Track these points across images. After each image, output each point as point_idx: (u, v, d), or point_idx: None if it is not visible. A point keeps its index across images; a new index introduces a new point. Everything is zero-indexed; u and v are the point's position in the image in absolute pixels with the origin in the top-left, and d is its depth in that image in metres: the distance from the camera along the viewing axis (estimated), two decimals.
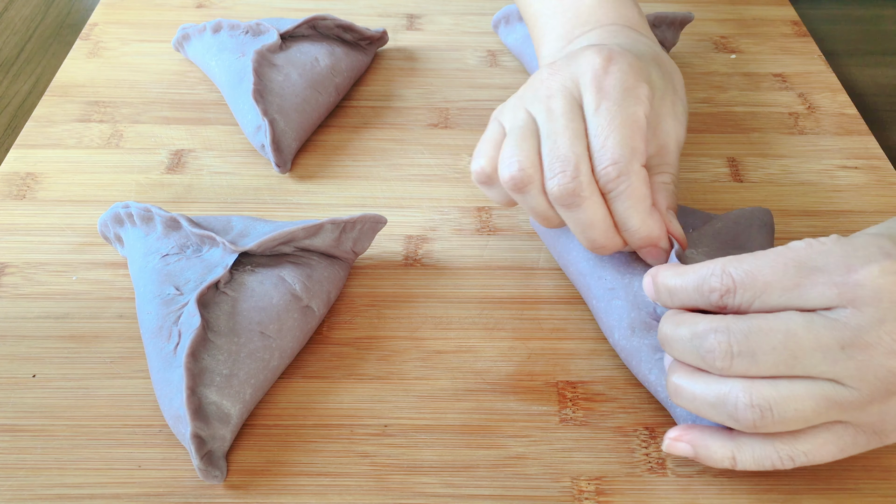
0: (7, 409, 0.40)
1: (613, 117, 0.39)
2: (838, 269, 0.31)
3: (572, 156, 0.38)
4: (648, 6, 0.70)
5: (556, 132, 0.39)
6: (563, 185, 0.38)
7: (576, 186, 0.38)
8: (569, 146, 0.39)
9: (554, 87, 0.40)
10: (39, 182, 0.53)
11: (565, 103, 0.40)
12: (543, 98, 0.40)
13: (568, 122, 0.39)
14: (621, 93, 0.39)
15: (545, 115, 0.40)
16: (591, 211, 0.39)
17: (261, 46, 0.55)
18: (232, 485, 0.38)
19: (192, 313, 0.39)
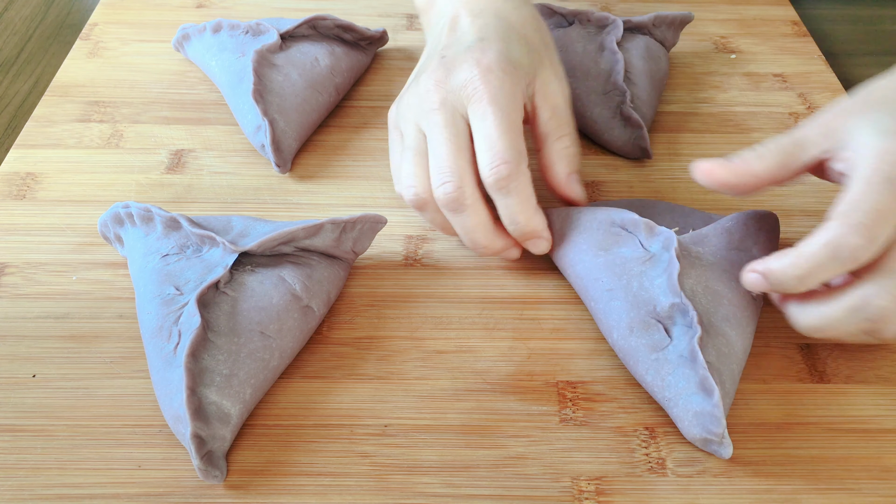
0: (7, 409, 0.40)
1: (499, 122, 0.42)
2: None
3: (455, 167, 0.42)
4: (648, 6, 0.70)
5: (440, 144, 0.43)
6: (447, 193, 0.42)
7: (459, 195, 0.42)
8: (451, 158, 0.43)
9: (436, 101, 0.44)
10: (39, 182, 0.53)
11: (447, 117, 0.43)
12: (428, 111, 0.44)
13: (450, 135, 0.43)
14: (501, 100, 0.43)
15: (429, 129, 0.44)
16: (475, 215, 0.43)
17: (261, 46, 0.55)
18: (232, 485, 0.38)
19: (192, 313, 0.39)
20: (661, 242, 0.42)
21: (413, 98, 0.46)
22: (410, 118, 0.45)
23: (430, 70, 0.45)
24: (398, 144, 0.47)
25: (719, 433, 0.37)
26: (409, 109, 0.46)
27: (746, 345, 0.41)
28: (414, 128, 0.45)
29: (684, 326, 0.40)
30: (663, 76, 0.59)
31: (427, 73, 0.45)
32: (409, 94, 0.46)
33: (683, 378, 0.38)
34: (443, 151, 0.43)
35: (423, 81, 0.45)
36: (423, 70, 0.46)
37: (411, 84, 0.47)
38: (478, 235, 0.44)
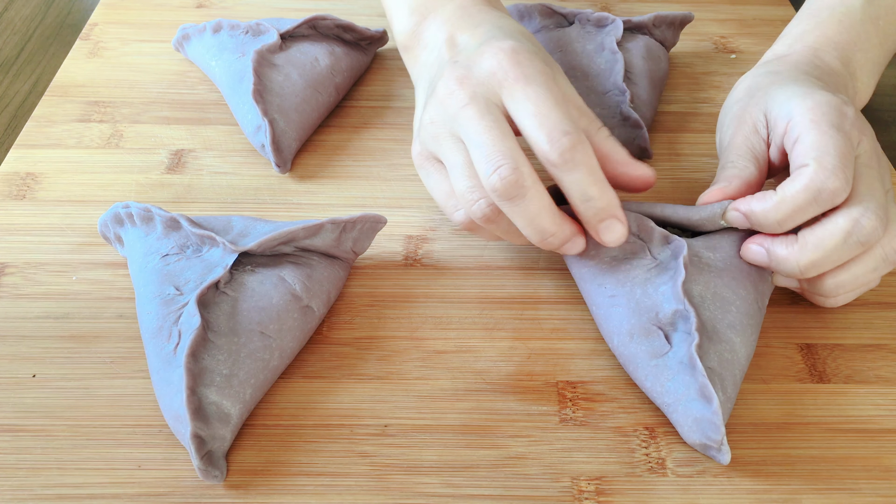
0: (7, 409, 0.40)
1: (545, 97, 0.39)
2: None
3: (504, 149, 0.39)
4: (649, 6, 0.70)
5: (482, 134, 0.39)
6: (504, 177, 0.38)
7: (517, 176, 0.38)
8: (496, 143, 0.39)
9: (464, 97, 0.40)
10: (39, 182, 0.53)
11: (480, 108, 0.40)
12: (457, 112, 0.40)
13: (489, 122, 0.39)
14: (539, 75, 0.40)
15: (465, 126, 0.40)
16: (537, 199, 0.39)
17: (261, 46, 0.55)
18: (232, 485, 0.38)
19: (192, 313, 0.39)
20: (671, 250, 0.42)
21: (435, 111, 0.42)
22: (442, 133, 0.42)
23: (447, 76, 0.42)
24: (436, 174, 0.43)
25: (718, 440, 0.37)
26: (435, 126, 0.42)
27: (750, 350, 0.41)
28: (451, 140, 0.41)
29: (685, 333, 0.40)
30: (663, 76, 0.59)
31: (444, 79, 0.42)
32: (428, 114, 0.43)
33: (683, 385, 0.38)
34: (486, 139, 0.39)
35: (442, 88, 0.42)
36: (435, 86, 0.43)
37: (426, 108, 0.43)
38: (544, 221, 0.40)
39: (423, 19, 0.48)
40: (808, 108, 0.40)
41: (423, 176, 0.45)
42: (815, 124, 0.40)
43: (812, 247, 0.39)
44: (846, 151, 0.39)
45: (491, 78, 0.40)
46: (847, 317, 0.46)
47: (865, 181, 0.39)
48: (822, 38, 0.47)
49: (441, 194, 0.44)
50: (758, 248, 0.41)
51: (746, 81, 0.46)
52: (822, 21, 0.48)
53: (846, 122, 0.40)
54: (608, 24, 0.58)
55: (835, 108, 0.40)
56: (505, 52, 0.41)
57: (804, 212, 0.39)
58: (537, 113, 0.39)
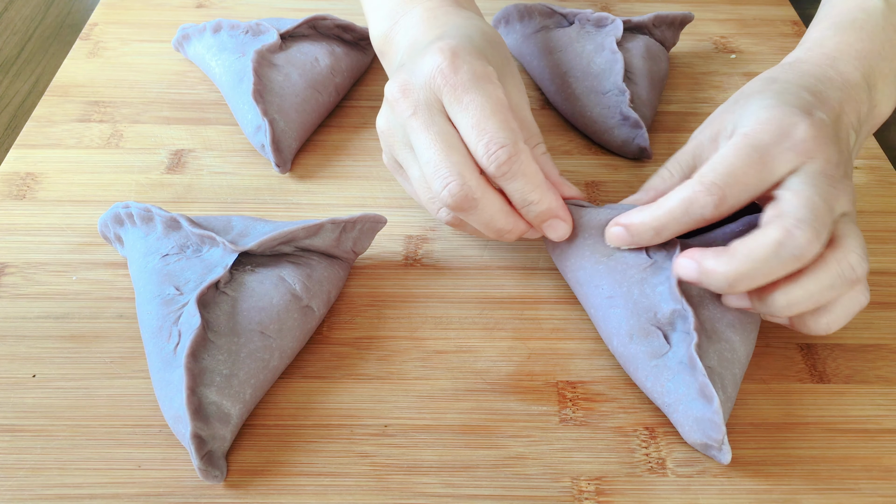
0: (7, 409, 0.40)
1: (482, 106, 0.39)
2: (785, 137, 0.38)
3: (450, 163, 0.40)
4: (649, 6, 0.70)
5: (428, 148, 0.40)
6: (454, 193, 0.40)
7: (466, 191, 0.40)
8: (441, 158, 0.40)
9: (408, 108, 0.41)
10: (39, 182, 0.53)
11: (426, 117, 0.40)
12: (405, 121, 0.41)
13: (434, 135, 0.40)
14: (477, 82, 0.40)
15: (413, 137, 0.41)
16: (489, 206, 0.41)
17: (261, 46, 0.55)
18: (232, 485, 0.38)
19: (192, 313, 0.39)
20: (666, 250, 0.42)
21: (387, 119, 0.43)
22: (397, 142, 0.43)
23: (392, 81, 0.42)
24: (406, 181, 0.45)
25: (719, 439, 0.37)
26: (391, 134, 0.43)
27: (749, 349, 0.41)
28: (406, 150, 0.43)
29: (683, 333, 0.40)
30: (663, 76, 0.59)
31: (390, 85, 0.42)
32: (383, 120, 0.44)
33: (683, 384, 0.38)
34: (432, 154, 0.40)
35: (389, 95, 0.42)
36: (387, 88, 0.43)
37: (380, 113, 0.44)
38: (498, 223, 0.42)
39: (395, 24, 0.48)
40: (756, 122, 0.39)
41: (399, 180, 0.46)
42: (737, 141, 0.39)
43: (742, 256, 0.37)
44: (739, 173, 0.38)
45: (431, 82, 0.41)
46: None
47: (802, 195, 0.37)
48: (843, 44, 0.45)
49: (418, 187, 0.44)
50: (688, 261, 0.39)
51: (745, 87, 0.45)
52: (843, 27, 0.46)
53: (782, 142, 0.38)
54: (608, 24, 0.58)
55: (779, 127, 0.39)
56: (444, 53, 0.41)
57: (678, 223, 0.39)
58: (475, 124, 0.40)
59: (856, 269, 0.37)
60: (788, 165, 0.38)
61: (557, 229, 0.43)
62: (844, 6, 0.47)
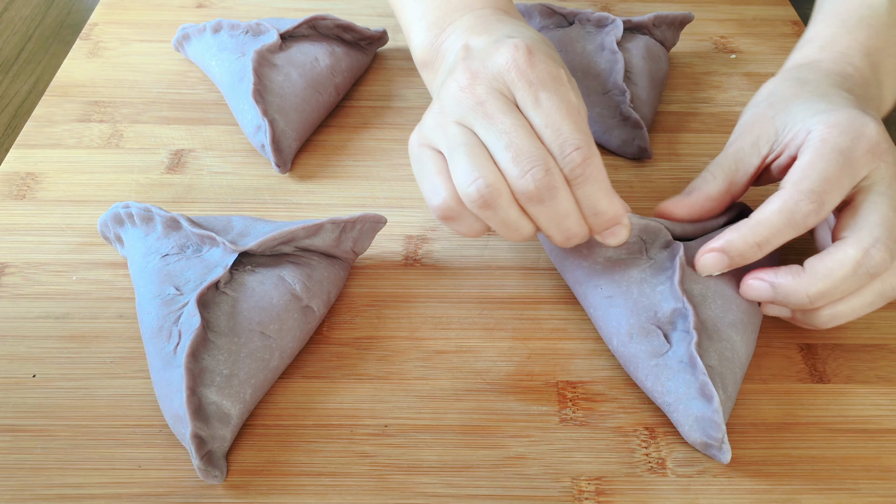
0: (7, 409, 0.40)
1: (558, 106, 0.38)
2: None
3: (536, 149, 0.38)
4: (649, 6, 0.70)
5: (508, 132, 0.38)
6: (538, 179, 0.37)
7: (550, 179, 0.37)
8: (528, 141, 0.38)
9: (481, 91, 0.39)
10: (39, 182, 0.53)
11: (502, 104, 0.39)
12: (474, 105, 0.39)
13: (515, 119, 0.38)
14: (552, 81, 0.39)
15: (484, 121, 0.39)
16: (565, 200, 0.38)
17: (261, 46, 0.55)
18: (232, 485, 0.38)
19: (192, 313, 0.39)
20: (669, 252, 0.42)
21: (446, 104, 0.40)
22: (447, 122, 0.40)
23: (460, 70, 0.40)
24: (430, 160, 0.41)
25: (719, 438, 0.37)
26: (441, 115, 0.40)
27: (750, 349, 0.41)
28: (455, 127, 0.39)
29: (683, 332, 0.40)
30: (663, 76, 0.59)
31: (456, 74, 0.40)
32: (437, 106, 0.41)
33: (684, 383, 0.38)
34: (514, 139, 0.38)
35: (454, 83, 0.40)
36: (445, 82, 0.41)
37: (433, 102, 0.42)
38: (571, 222, 0.39)
39: (442, 32, 0.46)
40: (827, 126, 0.40)
41: (417, 163, 0.42)
42: (819, 146, 0.39)
43: (822, 276, 0.38)
44: (832, 176, 0.39)
45: (505, 74, 0.39)
46: None
47: (878, 209, 0.39)
48: (854, 42, 0.46)
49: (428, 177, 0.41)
50: (759, 282, 0.40)
51: (771, 86, 0.46)
52: (852, 26, 0.47)
53: (860, 144, 0.39)
54: (608, 24, 0.58)
55: (852, 129, 0.39)
56: (520, 49, 0.39)
57: (780, 234, 0.39)
58: (549, 123, 0.38)
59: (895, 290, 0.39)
60: (868, 167, 0.39)
61: (619, 235, 0.41)
62: (850, 3, 0.48)
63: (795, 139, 0.41)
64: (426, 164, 0.41)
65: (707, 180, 0.43)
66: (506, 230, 0.40)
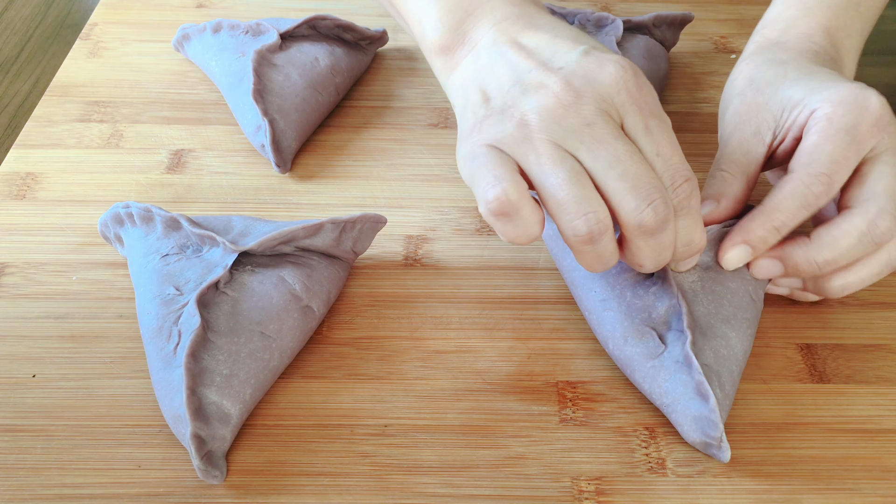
0: (7, 409, 0.40)
1: (668, 135, 0.38)
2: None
3: (654, 180, 0.36)
4: (649, 6, 0.70)
5: (622, 160, 0.36)
6: (660, 212, 0.36)
7: (668, 212, 0.36)
8: (646, 170, 0.36)
9: (589, 112, 0.37)
10: (39, 182, 0.53)
11: (613, 128, 0.37)
12: (580, 127, 0.36)
13: (629, 146, 0.36)
14: (658, 108, 0.38)
15: (594, 145, 0.36)
16: (671, 232, 0.37)
17: (261, 46, 0.55)
18: (232, 485, 0.38)
19: (192, 313, 0.39)
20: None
21: (539, 118, 0.37)
22: (540, 138, 0.37)
23: (556, 83, 0.37)
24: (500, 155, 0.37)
25: (717, 437, 0.37)
26: (529, 130, 0.37)
27: (747, 346, 0.41)
28: (551, 147, 0.36)
29: (678, 331, 0.40)
30: (663, 76, 0.59)
31: (549, 87, 0.37)
32: (520, 116, 0.37)
33: (681, 384, 0.38)
34: (631, 165, 0.36)
35: (548, 98, 0.37)
36: (528, 91, 0.38)
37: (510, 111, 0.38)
38: (668, 253, 0.38)
39: (468, 16, 0.43)
40: (831, 104, 0.41)
41: (474, 159, 0.38)
42: (825, 126, 0.40)
43: (828, 244, 0.40)
44: (840, 157, 0.39)
45: (616, 96, 0.37)
46: (847, 317, 0.46)
47: (883, 179, 0.40)
48: (815, 24, 0.47)
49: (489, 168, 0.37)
50: (768, 260, 0.42)
51: (747, 71, 0.46)
52: (812, 8, 0.48)
53: (865, 120, 0.40)
54: (608, 24, 0.58)
55: (856, 105, 0.40)
56: (627, 70, 0.38)
57: (795, 217, 0.40)
58: (661, 152, 0.37)
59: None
60: (873, 142, 0.40)
61: (693, 263, 0.42)
62: None
63: (798, 120, 0.42)
64: (490, 158, 0.37)
65: (729, 182, 0.43)
66: (595, 262, 0.38)
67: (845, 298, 0.46)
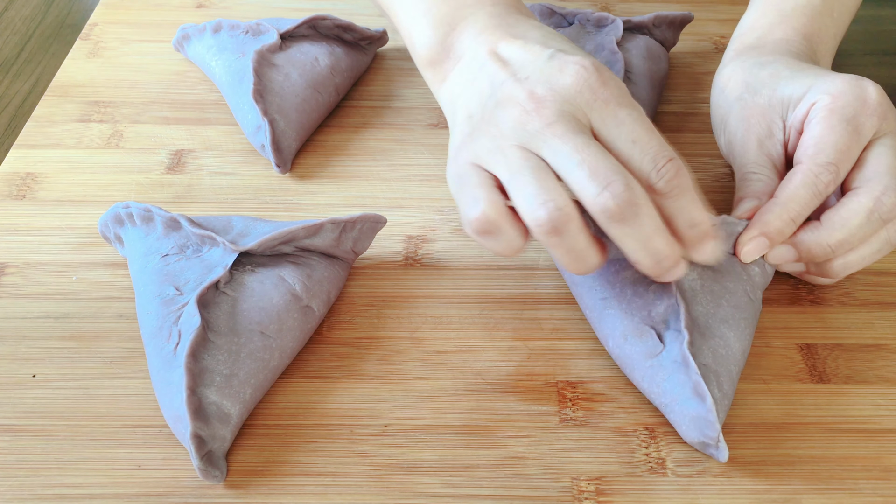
0: (7, 409, 0.40)
1: (640, 121, 0.37)
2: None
3: (612, 164, 0.36)
4: (649, 6, 0.70)
5: (580, 150, 0.36)
6: (618, 194, 0.35)
7: (630, 194, 0.35)
8: (603, 157, 0.36)
9: (550, 114, 0.37)
10: (39, 182, 0.53)
11: (574, 125, 0.37)
12: (541, 129, 0.37)
13: (587, 139, 0.37)
14: (626, 98, 0.38)
15: (553, 142, 0.37)
16: (650, 218, 0.36)
17: (261, 46, 0.55)
18: (232, 485, 0.38)
19: (192, 313, 0.39)
20: None
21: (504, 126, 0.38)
22: (508, 145, 0.38)
23: (518, 91, 0.38)
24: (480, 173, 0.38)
25: (714, 437, 0.37)
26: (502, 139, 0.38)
27: (745, 345, 0.41)
28: (518, 151, 0.37)
29: (676, 331, 0.40)
30: (663, 76, 0.59)
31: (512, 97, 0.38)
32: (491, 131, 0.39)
33: (679, 384, 0.38)
34: (587, 156, 0.36)
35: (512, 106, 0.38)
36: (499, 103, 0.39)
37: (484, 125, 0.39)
38: (659, 242, 0.37)
39: (452, 30, 0.44)
40: (831, 96, 0.42)
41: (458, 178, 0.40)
42: (827, 116, 0.42)
43: (839, 226, 0.41)
44: (844, 146, 0.41)
45: (577, 96, 0.37)
46: (847, 317, 0.46)
47: (884, 160, 0.42)
48: (791, 30, 0.49)
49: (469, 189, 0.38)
50: (784, 247, 0.43)
51: (737, 75, 0.47)
52: (787, 14, 0.49)
53: (865, 110, 0.42)
54: (608, 24, 0.58)
55: (855, 96, 0.42)
56: (587, 69, 0.38)
57: (808, 206, 0.42)
58: (636, 139, 0.37)
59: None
60: (873, 130, 0.42)
61: (714, 249, 0.39)
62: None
63: (798, 115, 0.44)
64: (470, 178, 0.38)
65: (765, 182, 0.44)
66: (572, 259, 0.38)
67: (845, 298, 0.46)
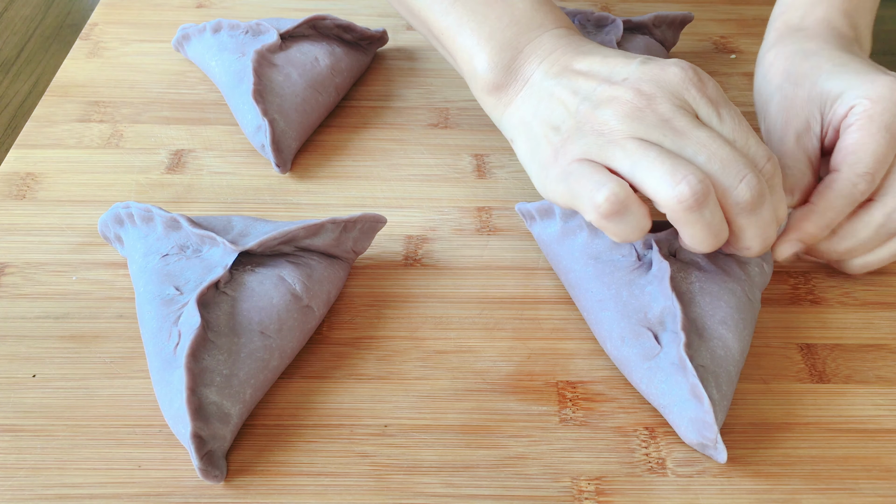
0: (7, 409, 0.40)
1: (740, 120, 0.39)
2: None
3: (742, 157, 0.38)
4: (649, 6, 0.70)
5: (707, 145, 0.37)
6: (754, 186, 0.37)
7: (762, 187, 0.38)
8: (732, 150, 0.37)
9: (665, 109, 0.38)
10: (39, 182, 0.53)
11: (690, 119, 0.38)
12: (658, 123, 0.38)
13: (709, 132, 0.38)
14: (726, 99, 0.40)
15: (675, 137, 0.38)
16: (770, 208, 0.39)
17: (261, 46, 0.55)
18: (232, 485, 0.38)
19: (192, 313, 0.39)
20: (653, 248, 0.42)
21: (615, 124, 0.38)
22: (623, 139, 0.38)
23: (622, 92, 0.39)
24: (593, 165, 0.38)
25: (712, 438, 0.37)
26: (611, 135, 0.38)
27: (744, 346, 0.41)
28: (634, 142, 0.38)
29: (673, 333, 0.40)
30: None
31: (617, 98, 0.39)
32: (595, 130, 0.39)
33: (676, 385, 0.38)
34: (718, 148, 0.37)
35: (620, 105, 0.39)
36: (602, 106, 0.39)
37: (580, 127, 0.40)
38: (772, 230, 0.39)
39: (518, 53, 0.44)
40: (870, 101, 0.42)
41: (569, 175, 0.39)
42: (866, 124, 0.42)
43: (848, 236, 0.44)
44: (882, 154, 0.42)
45: (685, 93, 0.39)
46: (847, 317, 0.46)
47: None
48: (831, 7, 0.49)
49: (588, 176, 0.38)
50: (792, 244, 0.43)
51: (780, 63, 0.48)
52: None
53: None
54: (608, 24, 0.58)
55: (894, 101, 0.42)
56: (687, 69, 0.40)
57: (843, 213, 0.43)
58: (737, 137, 0.39)
59: None
60: None
61: (795, 248, 0.44)
62: None
63: (837, 113, 0.44)
64: (583, 170, 0.39)
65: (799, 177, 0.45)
66: (710, 234, 0.38)
67: (845, 298, 0.46)
